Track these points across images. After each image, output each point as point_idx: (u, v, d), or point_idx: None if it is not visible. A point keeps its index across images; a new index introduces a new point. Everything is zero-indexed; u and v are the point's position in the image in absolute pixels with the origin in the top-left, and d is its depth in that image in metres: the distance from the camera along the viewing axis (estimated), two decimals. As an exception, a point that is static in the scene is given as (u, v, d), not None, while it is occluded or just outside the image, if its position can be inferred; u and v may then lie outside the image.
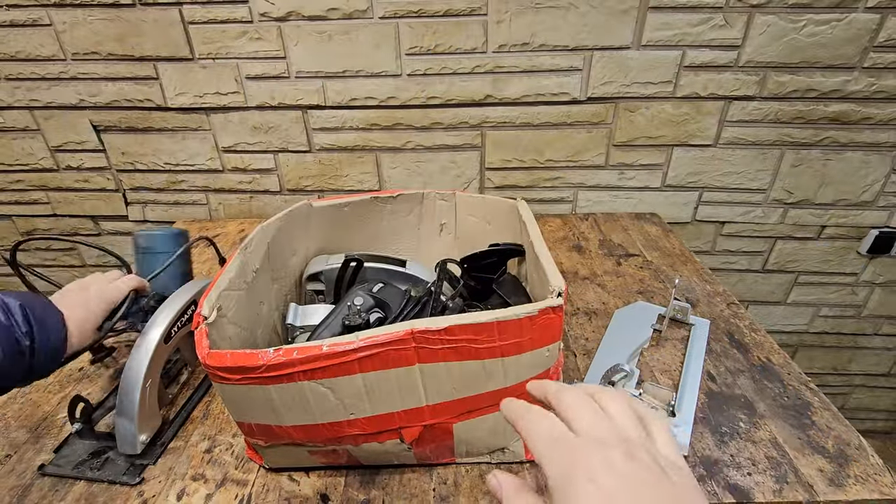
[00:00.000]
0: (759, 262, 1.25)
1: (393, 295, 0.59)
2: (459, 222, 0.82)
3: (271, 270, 0.65)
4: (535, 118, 1.08)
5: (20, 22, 1.00)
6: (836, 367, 1.41)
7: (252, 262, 0.59)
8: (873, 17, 0.94)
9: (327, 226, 0.75)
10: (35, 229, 1.26)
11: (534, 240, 0.60)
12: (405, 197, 0.78)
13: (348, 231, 0.77)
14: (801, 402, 0.65)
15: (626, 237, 1.07)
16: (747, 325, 0.79)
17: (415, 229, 0.82)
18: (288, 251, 0.69)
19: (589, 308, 0.84)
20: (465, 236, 0.81)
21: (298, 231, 0.71)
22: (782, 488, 0.53)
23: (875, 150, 1.08)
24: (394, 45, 1.01)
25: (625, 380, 0.65)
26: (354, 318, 0.55)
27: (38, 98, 1.08)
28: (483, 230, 0.78)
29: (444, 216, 0.82)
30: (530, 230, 0.62)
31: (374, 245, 0.80)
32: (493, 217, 0.77)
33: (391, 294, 0.59)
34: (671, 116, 1.07)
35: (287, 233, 0.68)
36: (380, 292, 0.59)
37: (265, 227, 0.63)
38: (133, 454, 0.57)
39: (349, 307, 0.57)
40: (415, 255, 0.80)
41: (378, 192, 0.77)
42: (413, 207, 0.80)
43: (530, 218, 0.66)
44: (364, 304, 0.58)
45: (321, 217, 0.73)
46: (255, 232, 0.61)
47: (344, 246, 0.76)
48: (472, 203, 0.79)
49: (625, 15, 0.97)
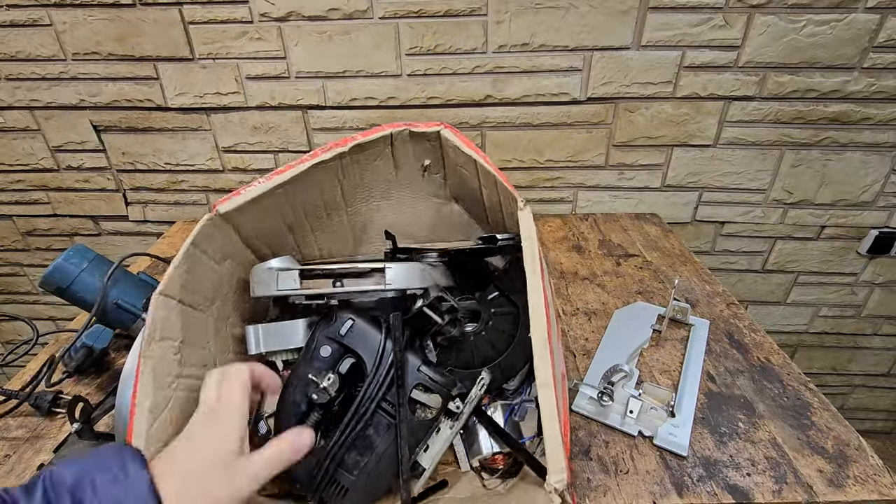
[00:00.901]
0: (759, 263, 1.25)
1: (364, 338, 0.49)
2: (449, 168, 0.66)
3: (195, 319, 0.50)
4: (534, 118, 1.08)
5: (20, 22, 1.00)
6: (836, 368, 1.41)
7: (166, 355, 0.44)
8: (873, 17, 0.94)
9: (261, 223, 0.57)
10: (35, 229, 1.26)
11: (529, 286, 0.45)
12: (362, 147, 0.58)
13: (296, 216, 0.61)
14: (801, 402, 0.65)
15: (626, 237, 1.07)
16: (747, 326, 0.79)
17: (388, 179, 0.67)
18: (211, 292, 0.53)
19: (588, 308, 0.84)
20: (457, 185, 0.68)
21: (211, 271, 0.52)
22: (781, 489, 0.53)
23: (875, 150, 1.08)
24: (394, 46, 1.01)
25: (624, 380, 0.65)
26: (322, 394, 0.47)
27: (38, 98, 1.08)
28: (476, 188, 0.64)
29: (427, 155, 0.66)
30: (526, 254, 0.46)
31: (335, 219, 0.66)
32: (488, 184, 0.61)
33: (362, 337, 0.49)
34: (671, 117, 1.07)
35: (196, 282, 0.49)
36: (348, 336, 0.49)
37: (161, 300, 0.45)
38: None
39: (313, 373, 0.49)
40: (395, 213, 0.70)
41: (314, 152, 0.55)
42: (380, 153, 0.62)
43: (531, 235, 0.47)
44: (331, 355, 0.49)
45: (246, 219, 0.53)
46: (153, 315, 0.43)
47: (291, 241, 0.63)
48: (465, 159, 0.59)
49: (625, 15, 0.97)
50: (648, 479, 0.55)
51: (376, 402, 0.48)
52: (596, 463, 0.58)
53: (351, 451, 0.48)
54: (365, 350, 0.49)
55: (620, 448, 0.59)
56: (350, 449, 0.48)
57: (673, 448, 0.58)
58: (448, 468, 0.59)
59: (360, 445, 0.49)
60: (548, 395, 0.41)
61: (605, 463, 0.58)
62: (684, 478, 0.55)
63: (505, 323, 0.63)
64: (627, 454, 0.58)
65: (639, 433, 0.61)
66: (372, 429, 0.49)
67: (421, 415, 0.50)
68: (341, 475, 0.48)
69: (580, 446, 0.60)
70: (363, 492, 0.49)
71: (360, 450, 0.49)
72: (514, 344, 0.61)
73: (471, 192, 0.68)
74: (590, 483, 0.55)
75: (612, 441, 0.60)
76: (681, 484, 0.55)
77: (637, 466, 0.57)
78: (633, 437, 0.60)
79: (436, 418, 0.51)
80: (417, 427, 0.50)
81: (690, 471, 0.56)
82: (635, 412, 0.62)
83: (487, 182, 0.61)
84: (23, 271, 1.33)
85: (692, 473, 0.56)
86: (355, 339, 0.50)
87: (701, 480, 0.55)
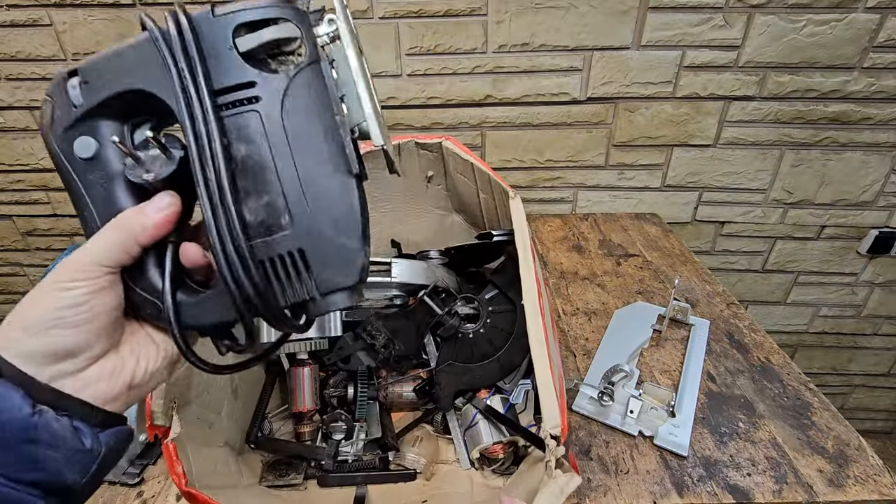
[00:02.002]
0: (759, 263, 1.25)
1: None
2: (449, 177, 0.68)
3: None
4: (534, 118, 1.08)
5: (20, 22, 1.00)
6: (836, 367, 1.41)
7: None
8: (873, 17, 0.94)
9: None
10: (35, 229, 1.26)
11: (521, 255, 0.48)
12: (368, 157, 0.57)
13: None
14: (801, 402, 0.65)
15: (626, 237, 1.07)
16: (747, 326, 0.79)
17: (394, 189, 0.68)
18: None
19: (588, 308, 0.84)
20: (456, 193, 0.70)
21: None
22: (782, 489, 0.53)
23: (875, 150, 1.08)
24: (394, 46, 1.01)
25: (624, 380, 0.65)
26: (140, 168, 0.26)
27: (38, 98, 1.08)
28: (475, 194, 0.66)
29: (431, 167, 0.68)
30: (518, 242, 0.49)
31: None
32: (484, 187, 0.64)
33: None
34: (671, 116, 1.07)
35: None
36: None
37: None
38: (133, 454, 0.57)
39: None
40: (400, 224, 0.72)
41: None
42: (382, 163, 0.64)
43: (522, 225, 0.50)
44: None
45: None
46: None
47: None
48: (463, 164, 0.62)
49: (625, 15, 0.97)
50: (649, 479, 0.55)
51: (208, 102, 0.24)
52: (596, 463, 0.58)
53: (250, 201, 0.25)
54: (133, 77, 0.25)
55: (621, 448, 0.59)
56: (246, 200, 0.25)
57: (673, 448, 0.58)
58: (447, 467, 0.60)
59: (253, 182, 0.26)
60: (540, 353, 0.41)
61: (605, 463, 0.58)
62: (684, 478, 0.55)
63: (503, 321, 0.64)
64: (628, 454, 0.58)
65: (639, 433, 0.61)
66: (245, 144, 0.25)
67: (285, 65, 0.26)
68: (273, 244, 0.26)
69: (580, 446, 0.60)
70: (326, 236, 0.26)
71: (258, 187, 0.26)
72: (512, 340, 0.62)
73: (469, 198, 0.69)
74: (590, 483, 0.55)
75: (613, 441, 0.60)
76: (681, 484, 0.55)
77: (637, 466, 0.57)
78: (634, 437, 0.60)
79: (312, 54, 0.26)
80: (298, 85, 0.26)
81: (691, 471, 0.56)
82: (636, 412, 0.62)
83: (483, 184, 0.63)
84: (23, 271, 1.33)
85: (692, 473, 0.56)
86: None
87: (701, 480, 0.55)
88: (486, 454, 0.57)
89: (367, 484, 0.57)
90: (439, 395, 0.61)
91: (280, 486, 0.56)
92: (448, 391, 0.61)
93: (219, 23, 0.25)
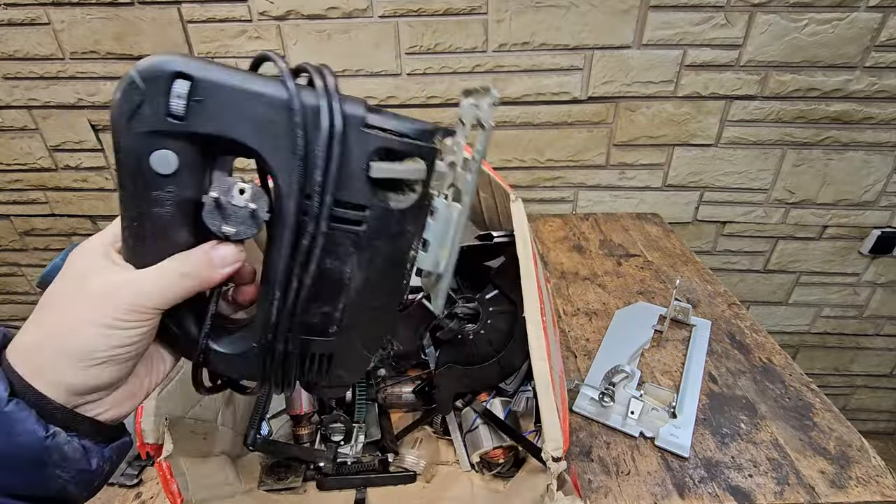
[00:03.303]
0: (761, 263, 1.24)
1: (237, 110, 0.25)
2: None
3: None
4: (535, 118, 1.08)
5: (18, 21, 0.99)
6: (838, 368, 1.41)
7: None
8: (875, 16, 0.94)
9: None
10: (33, 229, 1.25)
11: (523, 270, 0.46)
12: None
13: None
14: (803, 403, 0.64)
15: (627, 237, 1.07)
16: (748, 326, 0.79)
17: None
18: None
19: (589, 308, 0.84)
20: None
21: None
22: (783, 490, 0.53)
23: (877, 149, 1.07)
24: (393, 45, 1.00)
25: (625, 381, 0.64)
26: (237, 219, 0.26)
27: (36, 97, 1.08)
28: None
29: None
30: (520, 248, 0.47)
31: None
32: (485, 187, 0.64)
33: (231, 108, 0.25)
34: (672, 116, 1.07)
35: None
36: (195, 111, 0.25)
37: None
38: (131, 456, 0.56)
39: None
40: None
41: None
42: None
43: (523, 229, 0.49)
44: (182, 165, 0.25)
45: None
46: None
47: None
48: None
49: (625, 14, 0.96)
50: (650, 481, 0.55)
51: (326, 214, 0.25)
52: (597, 464, 0.57)
53: (312, 306, 0.27)
54: (253, 132, 0.25)
55: (622, 449, 0.59)
56: (309, 303, 0.27)
57: (674, 449, 0.58)
58: (447, 468, 0.59)
59: (323, 292, 0.27)
60: (543, 370, 0.41)
61: (606, 464, 0.57)
62: (686, 479, 0.55)
63: (503, 322, 0.63)
64: (629, 455, 0.58)
65: (640, 434, 0.60)
66: (331, 259, 0.26)
67: (397, 200, 0.26)
68: (311, 343, 0.28)
69: (581, 447, 0.59)
70: (355, 350, 0.30)
71: (325, 297, 0.27)
72: (513, 342, 0.62)
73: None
74: (591, 484, 0.55)
75: (614, 442, 0.60)
76: (682, 485, 0.54)
77: (638, 467, 0.57)
78: (635, 438, 0.60)
79: (423, 195, 0.27)
80: (397, 220, 0.27)
81: (692, 472, 0.56)
82: (636, 413, 0.61)
83: (483, 185, 0.63)
84: (21, 271, 1.33)
85: (694, 474, 0.55)
86: (214, 113, 0.24)
87: (702, 481, 0.54)
88: (486, 458, 0.56)
89: (367, 487, 0.56)
90: (438, 399, 0.61)
91: (279, 490, 0.55)
92: (447, 394, 0.61)
93: (365, 138, 0.24)
